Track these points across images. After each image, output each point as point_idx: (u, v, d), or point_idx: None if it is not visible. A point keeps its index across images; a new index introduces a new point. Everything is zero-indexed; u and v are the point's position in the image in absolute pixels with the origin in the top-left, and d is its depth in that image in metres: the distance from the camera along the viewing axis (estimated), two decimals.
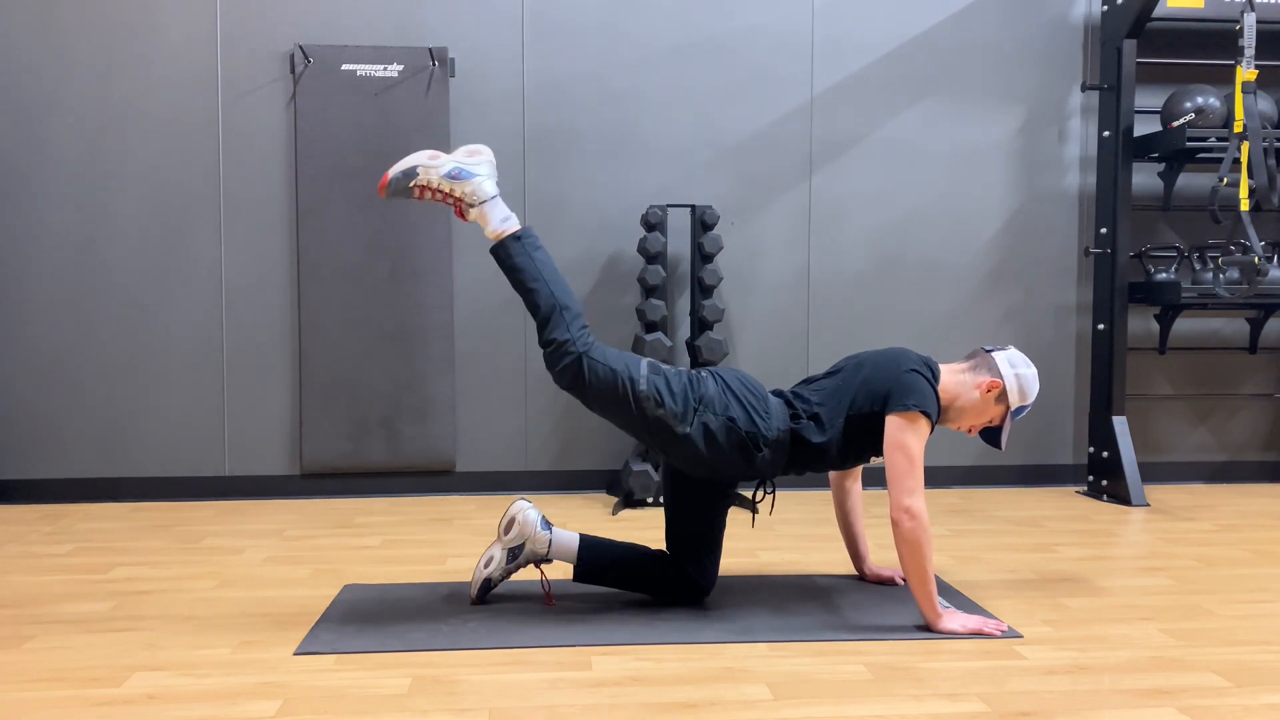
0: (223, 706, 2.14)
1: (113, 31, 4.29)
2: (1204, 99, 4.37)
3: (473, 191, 2.61)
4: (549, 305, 2.62)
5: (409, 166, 2.61)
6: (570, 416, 4.52)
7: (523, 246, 2.63)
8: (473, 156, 2.65)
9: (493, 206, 2.63)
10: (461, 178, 2.60)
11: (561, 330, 2.61)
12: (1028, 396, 2.76)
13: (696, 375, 2.73)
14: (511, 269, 2.64)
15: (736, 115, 4.53)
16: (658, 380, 2.65)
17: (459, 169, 2.61)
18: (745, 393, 2.71)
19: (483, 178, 2.63)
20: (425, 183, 2.60)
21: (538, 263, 2.63)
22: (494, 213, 2.63)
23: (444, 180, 2.60)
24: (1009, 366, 2.75)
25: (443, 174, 2.60)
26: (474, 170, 2.62)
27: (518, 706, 2.15)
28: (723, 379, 2.73)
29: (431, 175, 2.60)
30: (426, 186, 2.61)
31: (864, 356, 2.82)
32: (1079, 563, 3.34)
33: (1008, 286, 4.68)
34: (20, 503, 4.30)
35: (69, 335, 4.32)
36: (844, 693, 2.22)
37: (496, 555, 2.83)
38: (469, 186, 2.61)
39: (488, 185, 2.63)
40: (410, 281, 4.39)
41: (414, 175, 2.60)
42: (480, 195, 2.61)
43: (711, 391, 2.68)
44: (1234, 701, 2.19)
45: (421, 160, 2.61)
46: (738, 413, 2.66)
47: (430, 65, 4.35)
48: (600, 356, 2.63)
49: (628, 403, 2.63)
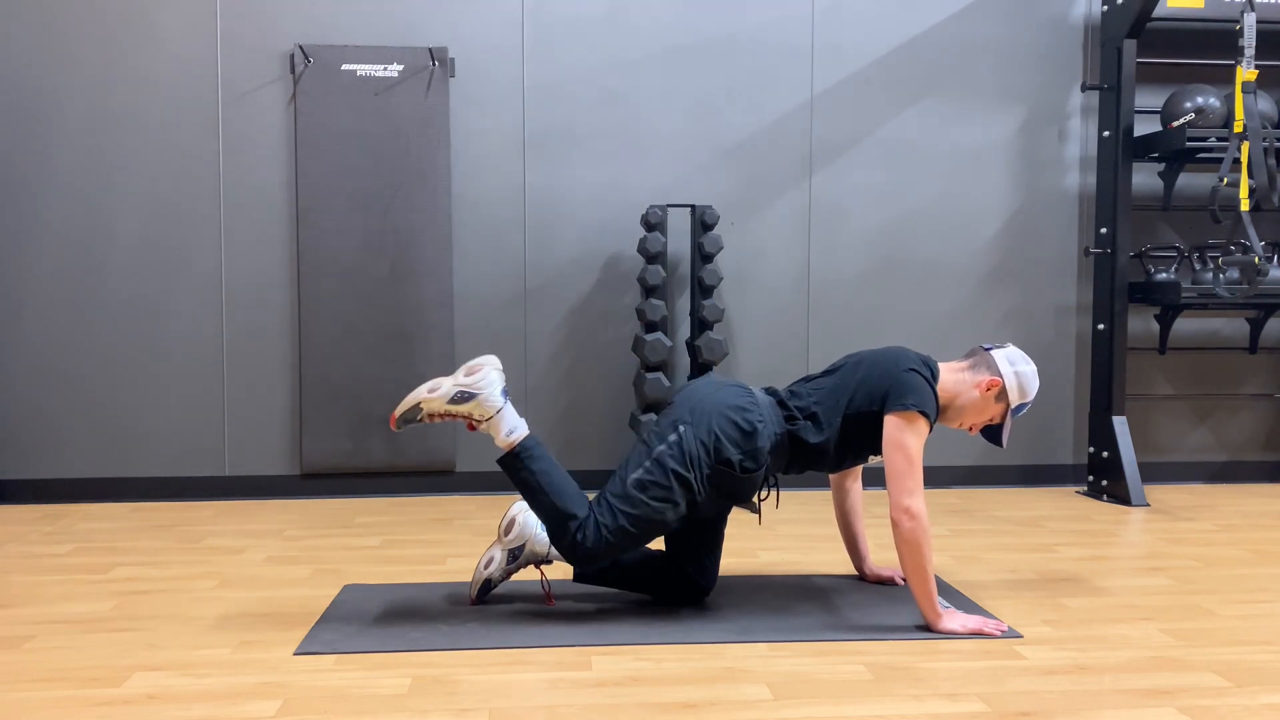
0: (223, 706, 2.14)
1: (113, 32, 4.29)
2: (1204, 99, 4.37)
3: (479, 408, 2.65)
4: (553, 516, 2.65)
5: (411, 406, 2.66)
6: (570, 416, 4.53)
7: (521, 461, 2.67)
8: (472, 375, 2.67)
9: (500, 419, 2.66)
10: (465, 400, 2.64)
11: (569, 535, 2.63)
12: (1028, 394, 2.76)
13: (678, 439, 2.65)
14: (517, 481, 2.69)
15: (736, 115, 4.54)
16: (653, 488, 2.62)
17: (460, 392, 2.65)
18: (728, 423, 2.64)
19: (484, 395, 2.65)
20: (431, 413, 2.65)
21: (537, 475, 2.66)
22: (502, 425, 2.66)
23: (449, 406, 2.65)
24: (1008, 364, 2.75)
25: (446, 401, 2.64)
26: (476, 390, 2.65)
27: (518, 706, 2.15)
28: (705, 415, 2.66)
29: (435, 406, 2.65)
30: (434, 414, 2.66)
31: (862, 355, 2.82)
32: (1079, 563, 3.34)
33: (1008, 286, 4.68)
34: (20, 503, 4.30)
35: (69, 335, 4.32)
36: (844, 693, 2.22)
37: (497, 556, 2.83)
38: (474, 405, 2.65)
39: (494, 399, 2.66)
40: (410, 281, 4.39)
41: (419, 411, 2.65)
42: (487, 411, 2.65)
43: (692, 447, 2.63)
44: (1234, 701, 2.19)
45: (421, 396, 2.65)
46: (730, 452, 2.63)
47: (430, 65, 4.35)
48: (607, 519, 2.62)
49: (655, 522, 2.64)
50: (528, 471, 2.66)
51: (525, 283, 4.50)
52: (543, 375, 4.51)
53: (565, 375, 4.54)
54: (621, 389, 4.54)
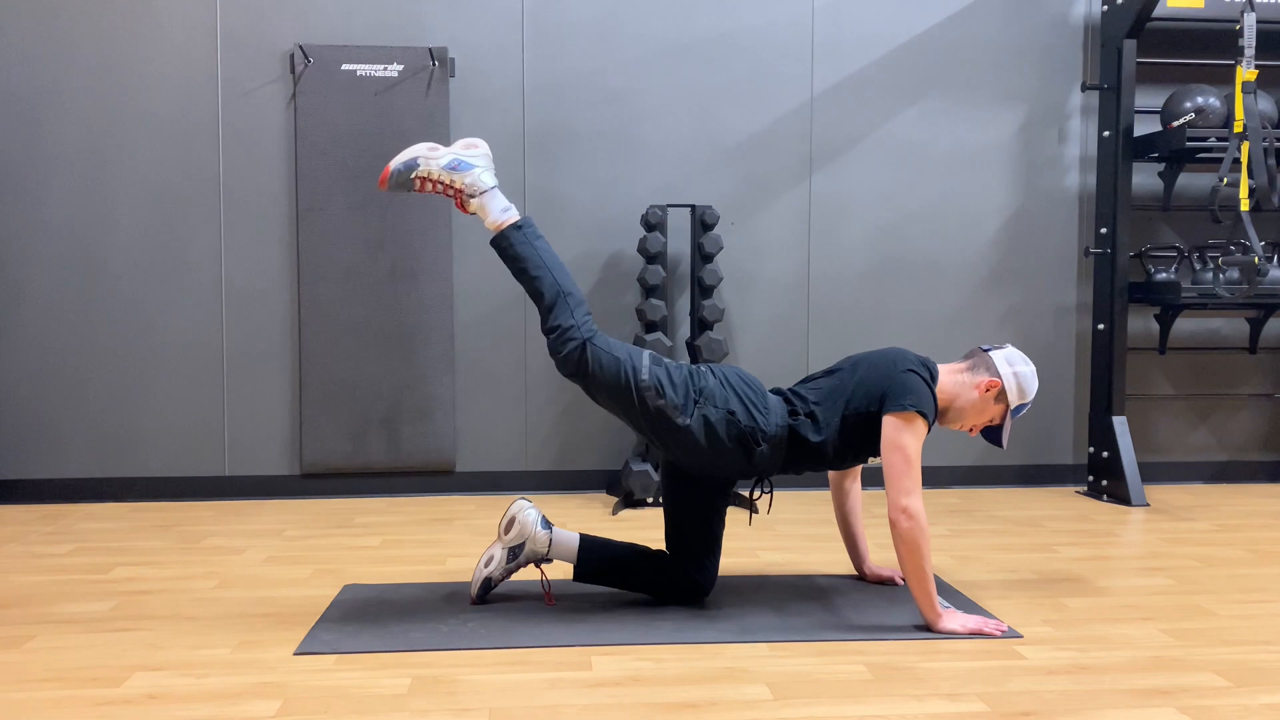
0: (223, 706, 2.14)
1: (113, 31, 4.29)
2: (1204, 99, 4.37)
3: (472, 183, 2.65)
4: (553, 292, 2.65)
5: (410, 158, 2.64)
6: (570, 416, 4.53)
7: (524, 235, 2.66)
8: (469, 149, 2.68)
9: (492, 197, 2.67)
10: (461, 169, 2.64)
11: (565, 316, 2.64)
12: (1027, 394, 2.76)
13: (697, 369, 2.75)
14: (513, 258, 2.67)
15: (736, 115, 4.53)
16: (659, 371, 2.67)
17: (458, 161, 2.65)
18: (745, 388, 2.72)
19: (481, 169, 2.66)
20: (426, 174, 2.64)
21: (539, 251, 2.66)
22: (493, 203, 2.66)
23: (444, 172, 2.64)
24: (1007, 365, 2.76)
25: (442, 165, 2.64)
26: (472, 162, 2.66)
27: (518, 706, 2.15)
28: (723, 374, 2.75)
29: (432, 166, 2.64)
30: (427, 178, 2.64)
31: (861, 357, 2.83)
32: (1079, 563, 3.34)
33: (1008, 286, 4.68)
34: (20, 503, 4.30)
35: (69, 335, 4.32)
36: (844, 693, 2.22)
37: (497, 555, 2.83)
38: (468, 178, 2.64)
39: (486, 177, 2.67)
40: (410, 281, 4.39)
41: (415, 167, 2.64)
42: (480, 186, 2.65)
43: (711, 385, 2.69)
44: (1234, 701, 2.19)
45: (422, 152, 2.65)
46: (737, 407, 2.67)
47: (430, 65, 4.35)
48: (604, 344, 2.66)
49: (629, 392, 2.64)
50: (527, 245, 2.64)
51: None
52: (543, 375, 4.50)
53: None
54: None
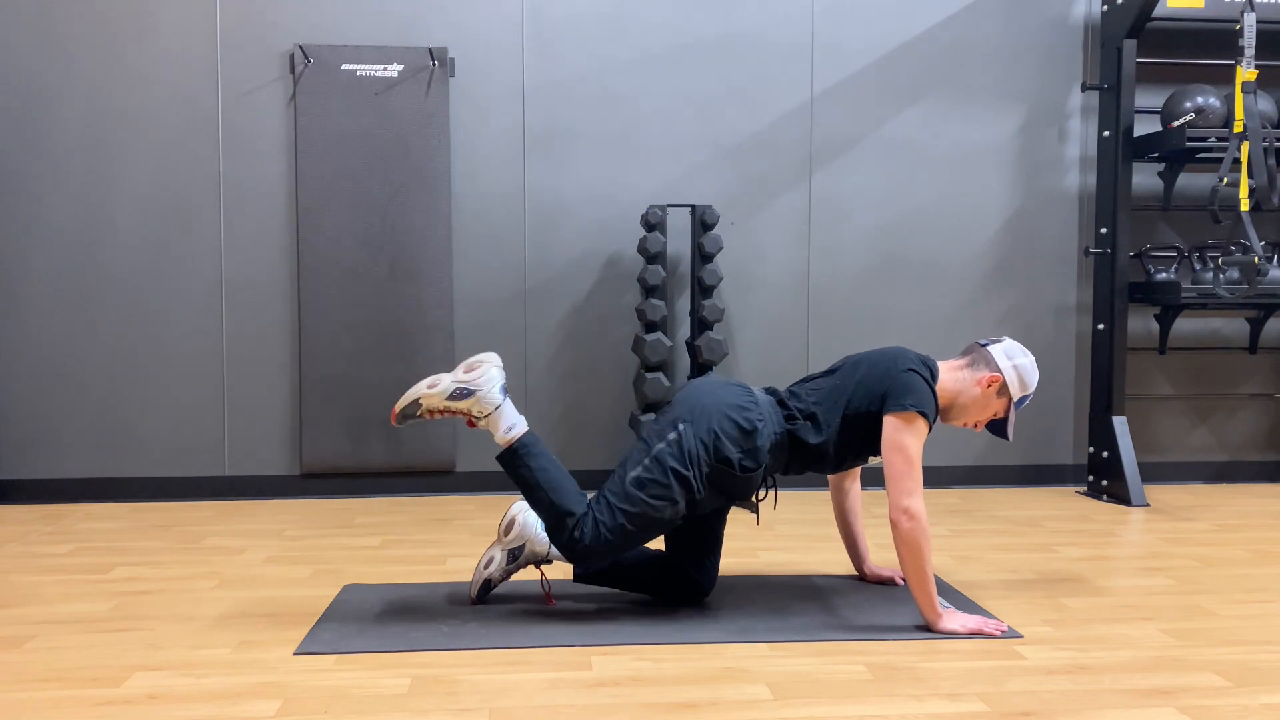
0: (223, 706, 2.14)
1: (112, 31, 4.29)
2: (1204, 99, 4.37)
3: (478, 405, 2.66)
4: (551, 513, 2.65)
5: (411, 401, 2.67)
6: (570, 416, 4.53)
7: (519, 458, 2.68)
8: (471, 371, 2.69)
9: (499, 416, 2.68)
10: (463, 397, 2.66)
11: (569, 532, 2.63)
12: (1028, 386, 2.76)
13: (676, 431, 2.65)
14: (516, 477, 2.70)
15: (736, 115, 4.53)
16: (652, 485, 2.62)
17: (459, 389, 2.66)
18: (728, 422, 2.64)
19: (483, 391, 2.66)
20: (430, 409, 2.67)
21: (535, 471, 2.67)
22: (501, 422, 2.68)
23: (448, 402, 2.66)
24: (1006, 359, 2.76)
25: (445, 398, 2.65)
26: (475, 386, 2.66)
27: (518, 706, 2.15)
28: (704, 415, 2.66)
29: (434, 402, 2.66)
30: (432, 410, 2.67)
31: (861, 356, 2.82)
32: (1079, 563, 3.34)
33: (1008, 286, 4.68)
34: (20, 503, 4.30)
35: (69, 335, 4.32)
36: (844, 693, 2.22)
37: (497, 556, 2.83)
38: (472, 402, 2.66)
39: (493, 395, 2.67)
40: (410, 281, 4.39)
41: (419, 406, 2.66)
42: (485, 408, 2.67)
43: (691, 446, 2.63)
44: (1234, 701, 2.19)
45: (421, 391, 2.66)
46: (730, 451, 2.63)
47: (430, 65, 4.35)
48: (604, 516, 2.62)
49: (653, 521, 2.64)
50: (526, 468, 2.67)
51: (525, 283, 4.50)
52: (543, 375, 4.50)
53: (565, 375, 4.54)
54: (621, 389, 4.54)
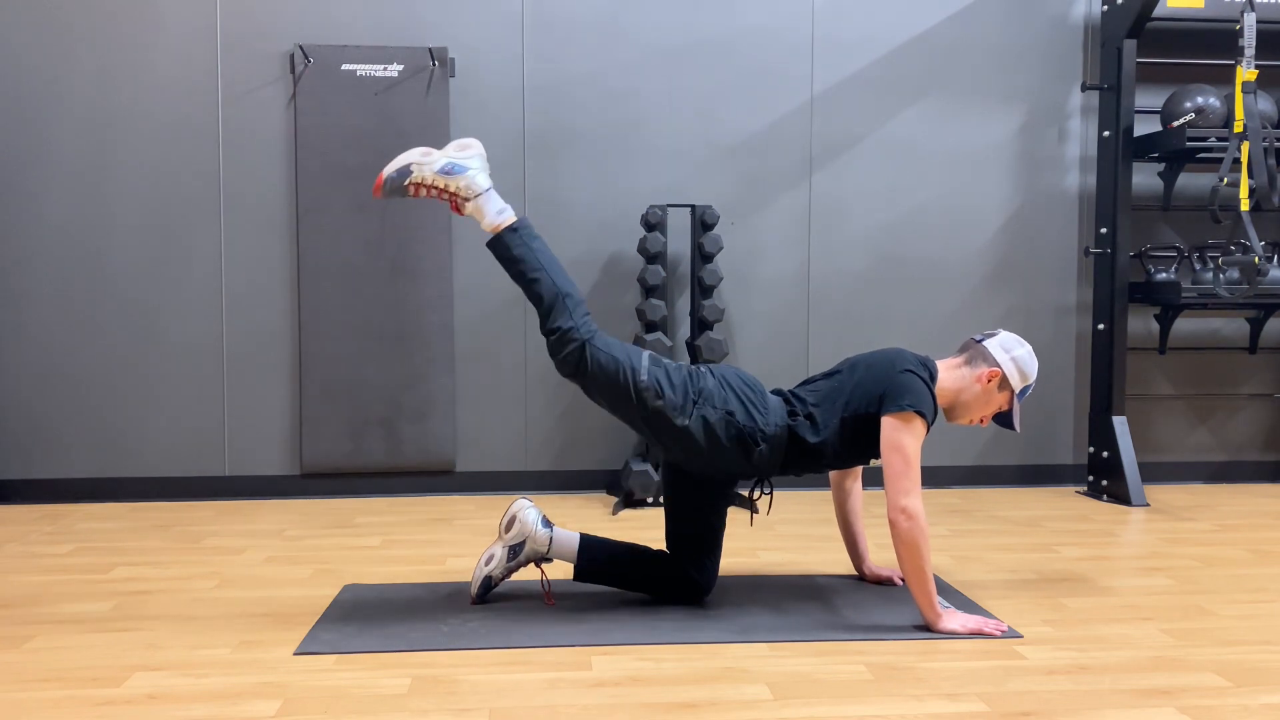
0: (223, 706, 2.14)
1: (113, 31, 4.29)
2: (1204, 99, 4.37)
3: (467, 185, 2.63)
4: (551, 294, 2.64)
5: (403, 165, 2.63)
6: (570, 416, 4.53)
7: (520, 238, 2.65)
8: (464, 151, 2.66)
9: (487, 199, 2.65)
10: (455, 173, 2.62)
11: (565, 318, 2.63)
12: (1028, 376, 2.77)
13: (696, 370, 2.75)
14: (510, 260, 2.66)
15: (736, 115, 4.53)
16: (658, 371, 2.67)
17: (451, 164, 2.63)
18: (744, 389, 2.72)
19: (475, 171, 2.64)
20: (419, 180, 2.63)
21: (536, 252, 2.65)
22: (489, 205, 2.65)
23: (438, 176, 2.62)
24: (1003, 352, 2.76)
25: (436, 170, 2.62)
26: (466, 164, 2.64)
27: (518, 706, 2.15)
28: (722, 374, 2.75)
29: (425, 172, 2.62)
30: (421, 184, 2.63)
31: (860, 358, 2.83)
32: (1079, 563, 3.34)
33: (1008, 286, 4.68)
34: (20, 503, 4.30)
35: (69, 335, 4.32)
36: (844, 693, 2.22)
37: (497, 553, 2.83)
38: (463, 181, 2.63)
39: (481, 179, 2.65)
40: (410, 281, 4.39)
41: (408, 174, 2.62)
42: (475, 189, 2.64)
43: (710, 386, 2.69)
44: (1234, 701, 2.19)
45: (414, 158, 2.63)
46: (736, 407, 2.66)
47: (430, 65, 4.35)
48: (603, 345, 2.65)
49: (628, 393, 2.64)
50: (524, 247, 2.63)
51: None
52: (543, 375, 4.50)
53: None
54: None
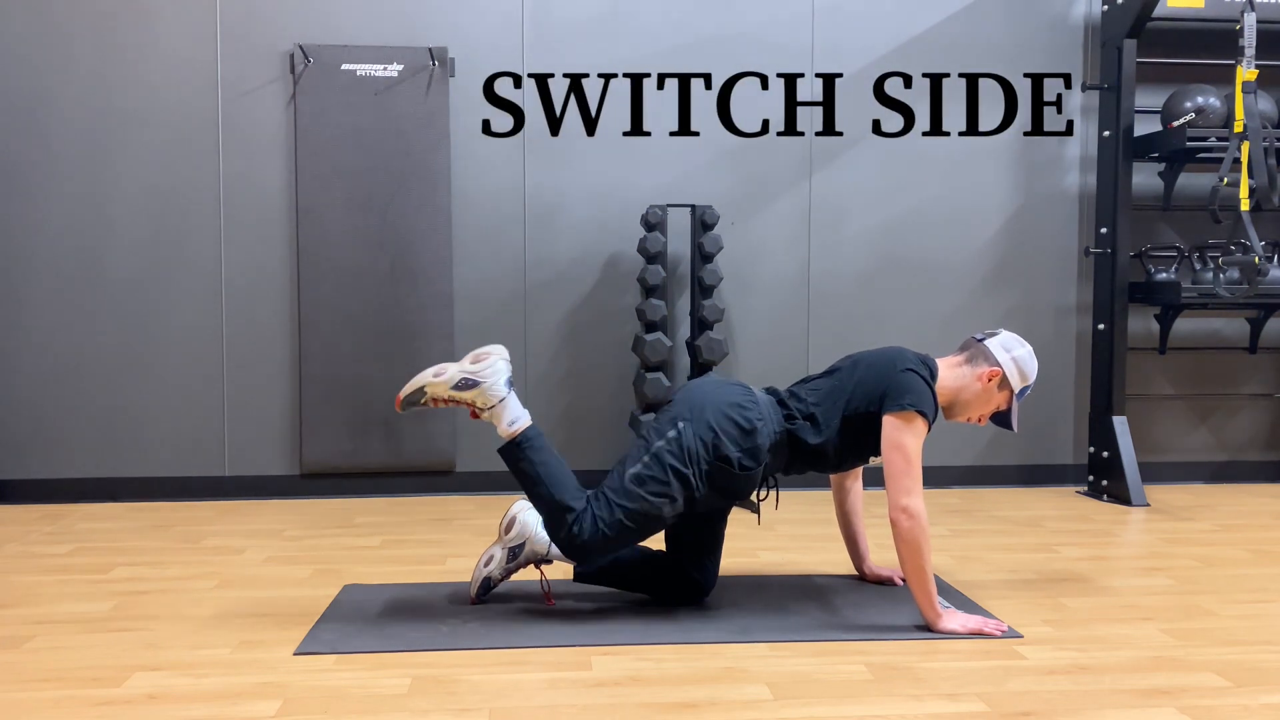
0: (223, 706, 2.14)
1: (112, 31, 4.29)
2: (1204, 99, 4.37)
3: (482, 396, 2.66)
4: (550, 508, 2.65)
5: (416, 389, 2.68)
6: (570, 416, 4.53)
7: (523, 452, 2.68)
8: (480, 363, 2.68)
9: (503, 408, 2.68)
10: (469, 387, 2.66)
11: (563, 529, 2.64)
12: (1028, 376, 2.77)
13: (677, 435, 2.65)
14: (517, 471, 2.70)
15: (736, 115, 4.53)
16: (651, 483, 2.62)
17: (466, 379, 2.66)
18: (724, 422, 2.64)
19: (491, 381, 2.67)
20: (435, 397, 2.68)
21: (537, 465, 2.67)
22: (505, 415, 2.68)
23: (453, 392, 2.66)
24: (1004, 351, 2.76)
25: (451, 387, 2.66)
26: (481, 378, 2.66)
27: (518, 706, 2.15)
28: (697, 421, 2.65)
29: (440, 391, 2.67)
30: (437, 399, 2.68)
31: (860, 356, 2.82)
32: (1079, 563, 3.34)
33: (1008, 286, 4.68)
34: (20, 503, 4.30)
35: (69, 335, 4.32)
36: (844, 693, 2.22)
37: (497, 555, 2.83)
38: (477, 393, 2.66)
39: (498, 388, 2.67)
40: (410, 281, 4.39)
41: (423, 394, 2.67)
42: (490, 400, 2.67)
43: (692, 444, 2.63)
44: (1234, 701, 2.19)
45: (426, 380, 2.67)
46: (729, 449, 2.63)
47: (430, 65, 4.35)
48: (604, 513, 2.62)
49: (658, 518, 2.64)
50: (527, 461, 2.67)
51: (525, 282, 4.50)
52: (543, 375, 4.50)
53: (565, 375, 4.54)
54: (621, 389, 4.54)
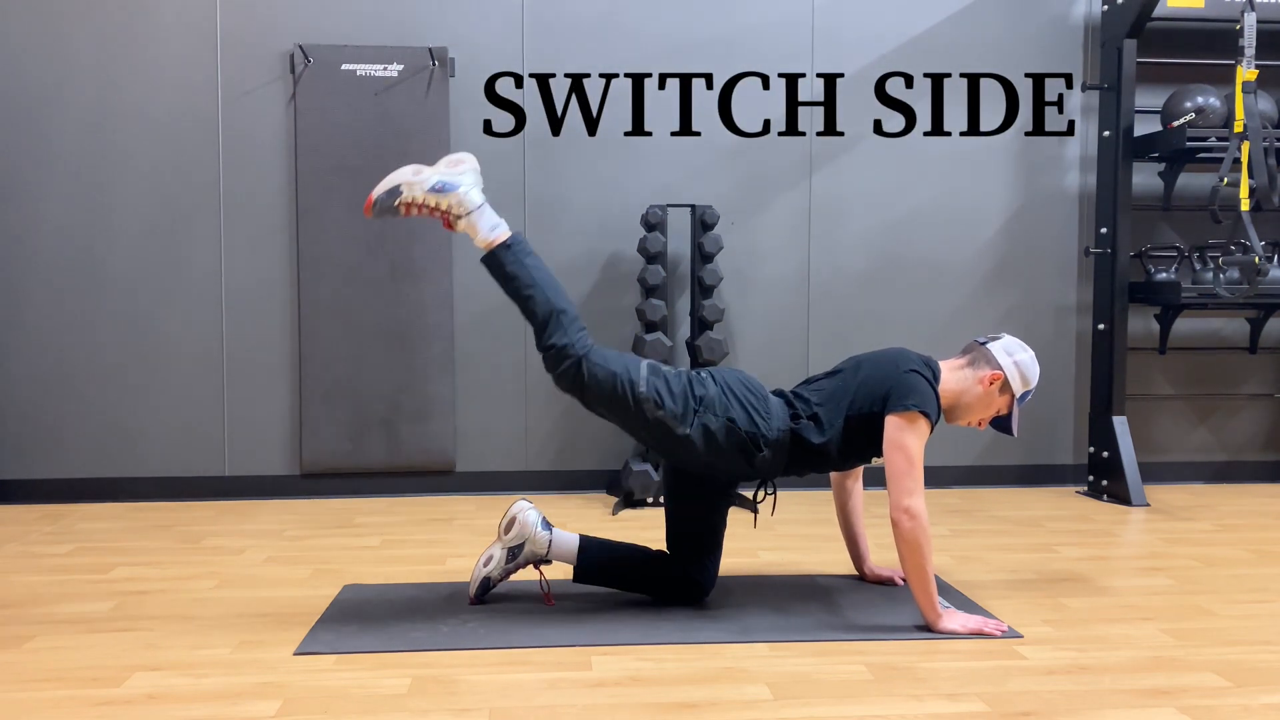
0: (223, 706, 2.14)
1: (112, 31, 4.29)
2: (1204, 99, 4.37)
3: (458, 202, 2.61)
4: (545, 311, 2.63)
5: (392, 185, 2.60)
6: (570, 416, 4.52)
7: (513, 254, 2.63)
8: (455, 167, 2.63)
9: (480, 215, 2.62)
10: (446, 190, 2.60)
11: (560, 335, 2.62)
12: (1030, 381, 2.77)
13: (697, 376, 2.74)
14: (504, 277, 2.64)
15: (736, 115, 4.53)
16: (657, 382, 2.66)
17: (442, 182, 2.60)
18: (745, 393, 2.71)
19: (467, 187, 2.61)
20: (410, 199, 2.60)
21: (530, 269, 2.62)
22: (482, 222, 2.62)
23: (429, 195, 2.59)
24: (1006, 355, 2.76)
25: (427, 189, 2.59)
26: (457, 181, 2.61)
27: (518, 706, 2.15)
28: (723, 379, 2.74)
29: (415, 192, 2.59)
30: (411, 203, 2.60)
31: (864, 357, 2.83)
32: (1079, 563, 3.34)
33: (1008, 286, 4.68)
34: (20, 503, 4.30)
35: (69, 335, 4.32)
36: (844, 693, 2.22)
37: (496, 554, 2.83)
38: (454, 198, 2.60)
39: (473, 195, 2.62)
40: (410, 281, 4.39)
41: (398, 194, 2.60)
42: (466, 206, 2.61)
43: (711, 392, 2.68)
44: (1234, 701, 2.19)
45: (405, 177, 2.60)
46: (738, 414, 2.66)
47: (430, 65, 4.35)
48: (600, 359, 2.63)
49: (628, 405, 2.63)
50: (519, 264, 2.61)
51: None
52: (543, 375, 4.46)
53: None
54: None
